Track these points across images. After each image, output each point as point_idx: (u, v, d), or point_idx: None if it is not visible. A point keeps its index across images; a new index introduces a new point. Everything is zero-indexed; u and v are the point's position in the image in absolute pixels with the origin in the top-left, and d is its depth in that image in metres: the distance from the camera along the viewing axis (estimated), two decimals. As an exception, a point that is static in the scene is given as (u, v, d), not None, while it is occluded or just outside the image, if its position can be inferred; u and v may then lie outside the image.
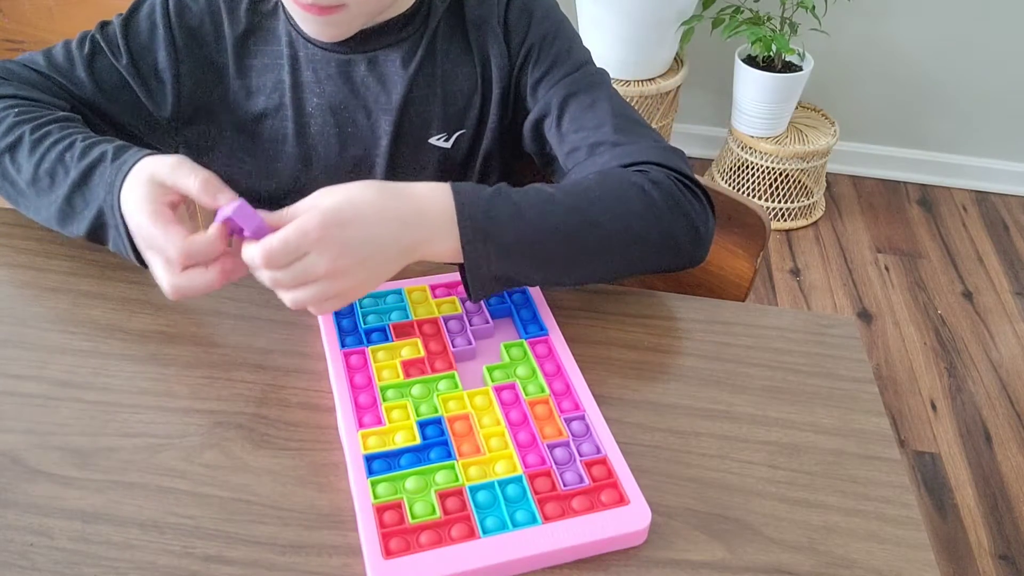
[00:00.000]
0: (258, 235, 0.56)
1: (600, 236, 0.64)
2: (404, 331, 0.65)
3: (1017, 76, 2.12)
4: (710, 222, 0.70)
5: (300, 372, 0.63)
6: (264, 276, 0.57)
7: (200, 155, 0.81)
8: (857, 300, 1.93)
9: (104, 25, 0.77)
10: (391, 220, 0.59)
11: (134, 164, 0.62)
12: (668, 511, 0.55)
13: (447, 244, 0.60)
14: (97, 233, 0.65)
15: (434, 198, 0.61)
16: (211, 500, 0.54)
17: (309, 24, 0.72)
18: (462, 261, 0.61)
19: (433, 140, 0.80)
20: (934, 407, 1.67)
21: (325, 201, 0.58)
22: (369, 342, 0.64)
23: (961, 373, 1.75)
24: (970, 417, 1.65)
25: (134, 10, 0.77)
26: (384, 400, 0.59)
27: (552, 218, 0.63)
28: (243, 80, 0.78)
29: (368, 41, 0.77)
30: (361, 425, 0.57)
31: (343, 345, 0.63)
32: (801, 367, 0.67)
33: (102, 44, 0.76)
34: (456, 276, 0.69)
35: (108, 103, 0.76)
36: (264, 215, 0.58)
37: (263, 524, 0.53)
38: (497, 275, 0.62)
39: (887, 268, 2.02)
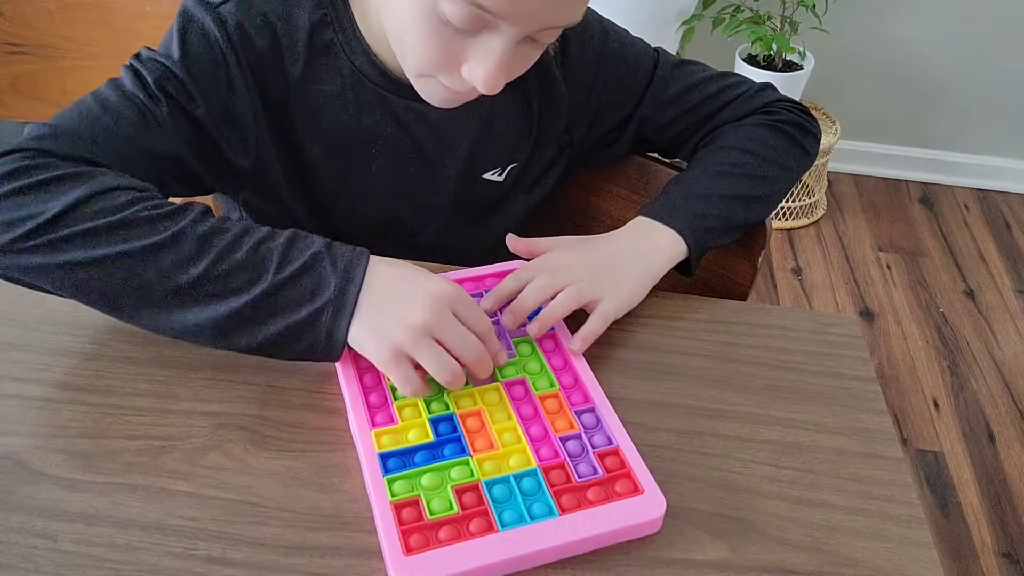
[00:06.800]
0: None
1: (770, 186, 0.78)
2: None
3: (1018, 73, 2.12)
4: (817, 126, 0.84)
5: (302, 373, 0.63)
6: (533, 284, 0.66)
7: (261, 201, 0.76)
8: (859, 299, 1.93)
9: (151, 65, 0.65)
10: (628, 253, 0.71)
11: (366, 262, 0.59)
12: (672, 511, 0.55)
13: (676, 249, 0.72)
14: (293, 332, 0.58)
15: (650, 238, 0.72)
16: (214, 502, 0.54)
17: (441, 100, 0.66)
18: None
19: (487, 175, 0.80)
20: (936, 405, 1.67)
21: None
22: None
23: (963, 371, 1.75)
24: (973, 415, 1.65)
25: (185, 43, 0.65)
26: (395, 399, 0.60)
27: (733, 189, 0.76)
28: (299, 121, 0.72)
29: None
30: (373, 424, 0.57)
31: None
32: (803, 366, 0.67)
33: (171, 92, 0.65)
34: (458, 274, 0.70)
35: (195, 158, 0.67)
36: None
37: (266, 526, 0.53)
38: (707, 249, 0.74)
39: (889, 267, 2.02)
